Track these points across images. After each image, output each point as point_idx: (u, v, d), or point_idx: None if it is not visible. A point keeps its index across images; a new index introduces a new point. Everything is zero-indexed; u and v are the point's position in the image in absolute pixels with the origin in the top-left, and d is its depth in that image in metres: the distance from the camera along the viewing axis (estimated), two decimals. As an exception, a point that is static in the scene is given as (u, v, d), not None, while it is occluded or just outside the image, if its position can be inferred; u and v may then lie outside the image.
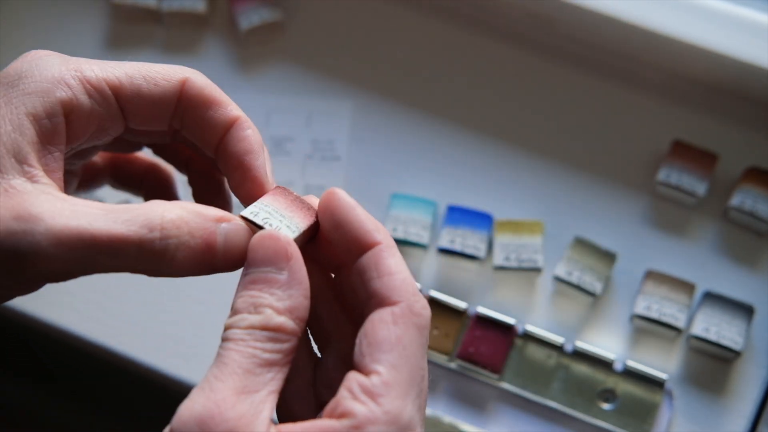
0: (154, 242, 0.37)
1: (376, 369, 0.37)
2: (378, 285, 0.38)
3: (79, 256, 0.37)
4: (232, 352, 0.36)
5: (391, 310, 0.38)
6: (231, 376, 0.36)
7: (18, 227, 0.36)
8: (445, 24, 0.73)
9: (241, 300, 0.37)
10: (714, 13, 0.66)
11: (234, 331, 0.37)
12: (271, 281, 0.38)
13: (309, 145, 0.69)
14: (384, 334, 0.37)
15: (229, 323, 0.37)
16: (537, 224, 0.63)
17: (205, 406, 0.35)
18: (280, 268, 0.38)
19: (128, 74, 0.41)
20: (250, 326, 0.37)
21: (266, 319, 0.37)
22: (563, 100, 0.70)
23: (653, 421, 0.59)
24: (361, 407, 0.36)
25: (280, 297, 0.38)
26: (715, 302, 0.61)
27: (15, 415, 0.92)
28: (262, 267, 0.38)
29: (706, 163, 0.65)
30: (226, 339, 0.37)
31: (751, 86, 0.67)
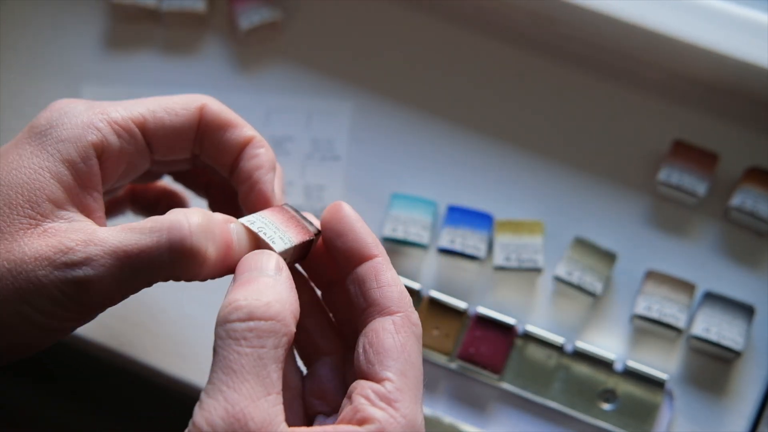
0: (185, 243, 0.39)
1: (387, 376, 0.38)
2: (378, 295, 0.40)
3: (121, 274, 0.39)
4: (235, 354, 0.37)
5: (392, 320, 0.40)
6: (243, 383, 0.36)
7: (59, 260, 0.39)
8: (445, 24, 0.73)
9: (234, 299, 0.38)
10: (715, 12, 0.66)
11: (235, 331, 0.37)
12: (264, 281, 0.39)
13: (309, 145, 0.69)
14: (390, 342, 0.39)
15: (225, 320, 0.38)
16: (537, 224, 0.63)
17: (223, 418, 0.36)
18: (270, 275, 0.39)
19: (150, 109, 0.44)
20: (250, 328, 0.37)
21: (263, 316, 0.38)
22: (563, 100, 0.70)
23: (653, 422, 0.59)
24: (381, 413, 0.37)
25: (278, 299, 0.39)
26: (716, 302, 0.61)
27: (15, 415, 0.92)
28: (254, 271, 0.39)
29: (707, 163, 0.65)
30: (228, 338, 0.37)
31: (752, 86, 0.67)
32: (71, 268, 0.39)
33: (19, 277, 0.38)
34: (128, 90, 0.71)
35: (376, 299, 0.40)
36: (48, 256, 0.39)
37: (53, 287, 0.38)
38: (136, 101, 0.44)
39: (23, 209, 0.40)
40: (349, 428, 0.37)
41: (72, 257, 0.39)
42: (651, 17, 0.67)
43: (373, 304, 0.40)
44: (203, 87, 0.71)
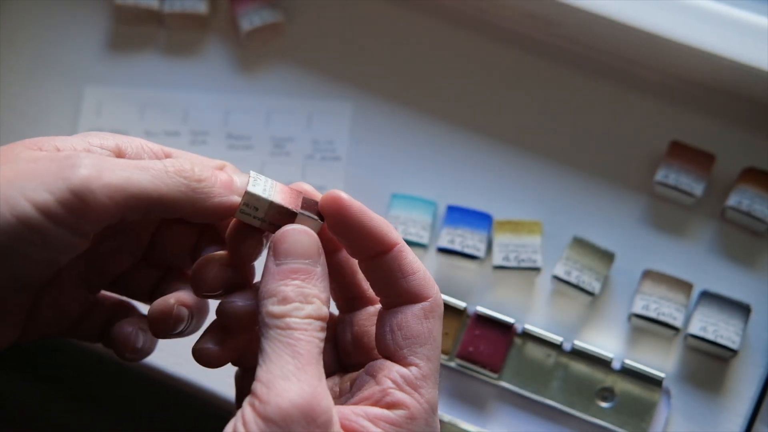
0: (197, 189, 0.40)
1: (415, 362, 0.40)
2: (405, 285, 0.41)
3: (132, 208, 0.39)
4: (303, 342, 0.38)
5: (422, 306, 0.41)
6: (311, 365, 0.38)
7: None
8: (445, 24, 0.73)
9: (288, 288, 0.39)
10: (712, 15, 0.67)
11: (295, 320, 0.38)
12: (311, 273, 0.40)
13: (309, 145, 0.69)
14: (418, 328, 0.41)
15: (283, 311, 0.38)
16: (536, 224, 0.64)
17: (302, 397, 0.36)
18: (316, 262, 0.40)
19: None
20: (308, 316, 0.38)
21: (318, 309, 0.39)
22: (562, 100, 0.70)
23: (651, 420, 0.59)
24: (410, 399, 0.39)
25: (321, 289, 0.40)
26: (713, 301, 0.61)
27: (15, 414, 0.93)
28: (300, 259, 0.40)
29: (704, 163, 0.65)
30: (289, 327, 0.38)
31: (749, 87, 0.67)
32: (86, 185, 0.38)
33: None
34: (130, 91, 0.71)
35: (405, 289, 0.41)
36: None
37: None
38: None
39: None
40: (383, 412, 0.39)
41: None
42: (648, 19, 0.67)
43: (401, 294, 0.41)
44: (205, 88, 0.72)
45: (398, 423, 0.39)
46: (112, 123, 0.70)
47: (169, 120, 0.70)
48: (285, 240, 0.40)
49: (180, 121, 0.70)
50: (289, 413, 0.36)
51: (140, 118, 0.71)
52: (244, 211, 0.42)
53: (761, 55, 0.65)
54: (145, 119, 0.71)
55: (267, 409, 0.36)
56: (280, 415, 0.36)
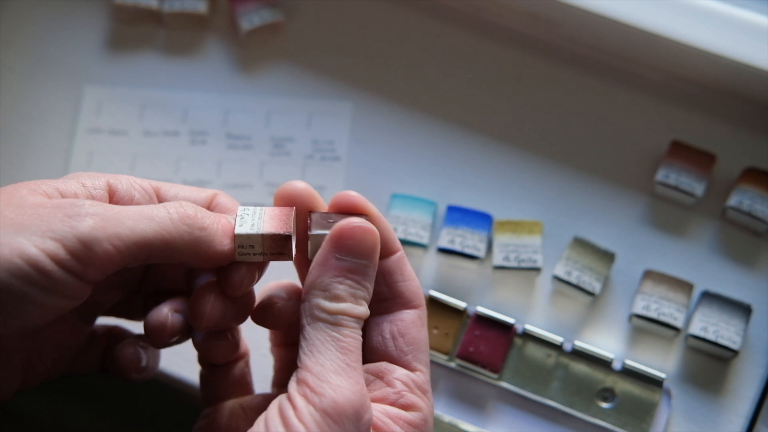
0: (200, 238, 0.40)
1: (420, 368, 0.42)
2: (404, 288, 0.43)
3: (136, 256, 0.39)
4: (351, 339, 0.39)
5: (417, 313, 0.43)
6: (358, 362, 0.39)
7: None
8: (445, 24, 0.73)
9: (342, 287, 0.40)
10: (713, 14, 0.67)
11: (346, 318, 0.39)
12: (365, 274, 0.41)
13: (309, 145, 0.69)
14: (417, 335, 0.42)
15: (337, 309, 0.39)
16: (536, 224, 0.64)
17: (354, 394, 0.38)
18: (373, 264, 0.41)
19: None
20: (357, 317, 0.40)
21: (364, 312, 0.40)
22: (562, 100, 0.70)
23: (652, 420, 0.59)
24: (422, 402, 0.41)
25: (369, 291, 0.41)
26: (714, 302, 0.61)
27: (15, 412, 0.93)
28: (362, 259, 0.41)
29: (705, 163, 0.65)
30: (339, 324, 0.39)
31: (749, 87, 0.67)
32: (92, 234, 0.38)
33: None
34: (130, 91, 0.71)
35: (403, 292, 0.43)
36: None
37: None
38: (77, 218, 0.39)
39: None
40: (401, 413, 0.40)
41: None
42: (649, 19, 0.67)
43: (400, 296, 0.43)
44: (204, 88, 0.72)
45: (415, 424, 0.40)
46: (112, 123, 0.70)
47: (168, 120, 0.70)
48: (352, 237, 0.41)
49: (179, 121, 0.70)
50: (344, 409, 0.37)
51: (140, 117, 0.71)
52: (243, 253, 0.42)
53: (762, 55, 0.65)
54: (144, 119, 0.71)
55: (323, 402, 0.37)
56: (335, 410, 0.37)
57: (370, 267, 0.41)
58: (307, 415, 0.37)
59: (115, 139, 0.69)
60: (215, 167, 0.69)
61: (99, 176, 0.42)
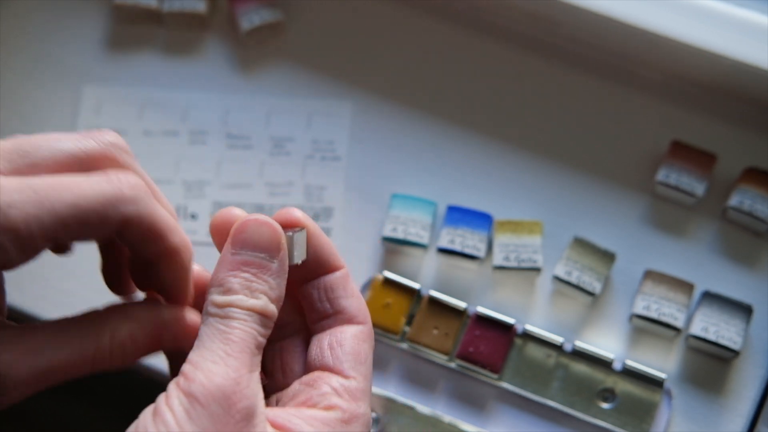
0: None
1: (355, 375, 0.40)
2: (346, 304, 0.42)
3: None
4: (238, 330, 0.38)
5: (360, 329, 0.42)
6: (242, 353, 0.37)
7: None
8: (445, 24, 0.73)
9: (236, 280, 0.38)
10: (713, 14, 0.67)
11: (235, 310, 0.38)
12: (264, 267, 0.39)
13: (309, 145, 0.69)
14: (358, 348, 0.41)
15: (226, 301, 0.38)
16: (536, 224, 0.64)
17: (226, 380, 0.36)
18: (272, 257, 0.39)
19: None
20: (251, 308, 0.38)
21: (264, 305, 0.39)
22: (563, 100, 0.70)
23: (652, 420, 0.59)
24: (347, 404, 0.39)
25: (272, 286, 0.39)
26: (714, 302, 0.61)
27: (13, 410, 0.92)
28: (256, 252, 0.39)
29: (705, 163, 0.65)
30: (227, 317, 0.38)
31: (750, 87, 0.67)
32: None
33: None
34: (129, 90, 0.71)
35: (345, 308, 0.42)
36: None
37: None
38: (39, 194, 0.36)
39: None
40: (317, 412, 0.38)
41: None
42: (649, 19, 0.67)
43: (342, 312, 0.42)
44: (204, 87, 0.72)
45: (332, 423, 0.38)
46: (111, 122, 0.70)
47: (168, 119, 0.70)
48: (244, 230, 0.39)
49: (179, 121, 0.70)
50: (212, 392, 0.36)
51: (139, 117, 0.71)
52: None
53: (762, 55, 0.65)
54: (144, 119, 0.71)
55: (191, 387, 0.36)
56: (202, 393, 0.36)
57: (271, 262, 0.39)
58: (175, 400, 0.36)
59: (114, 139, 0.69)
60: (215, 167, 0.69)
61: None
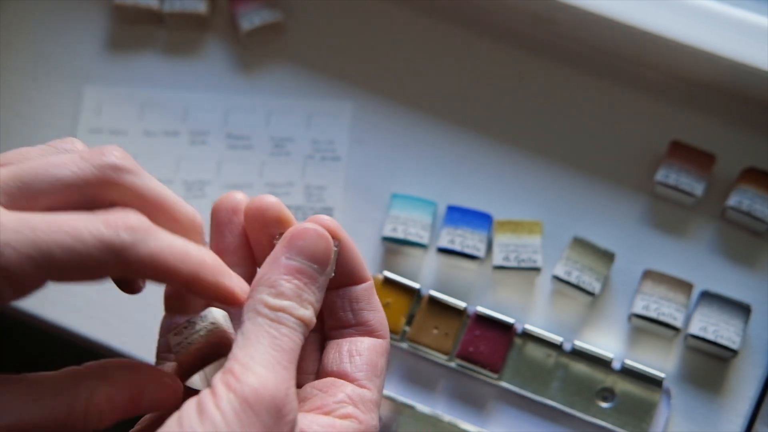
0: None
1: (370, 387, 0.41)
2: (370, 317, 0.43)
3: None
4: (288, 339, 0.38)
5: (380, 343, 0.42)
6: (290, 364, 0.38)
7: None
8: (445, 24, 0.73)
9: (289, 286, 0.39)
10: (712, 14, 0.67)
11: (287, 317, 0.38)
12: (314, 279, 0.40)
13: (309, 145, 0.69)
14: (376, 360, 0.42)
15: (279, 305, 0.38)
16: (536, 224, 0.64)
17: (279, 390, 0.36)
18: (321, 271, 0.40)
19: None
20: (300, 318, 0.39)
21: (310, 316, 0.39)
22: (562, 100, 0.70)
23: (651, 420, 0.59)
24: (363, 415, 0.40)
25: (317, 299, 0.40)
26: (713, 302, 0.61)
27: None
28: (311, 262, 0.40)
29: (704, 163, 0.65)
30: (279, 321, 0.38)
31: (749, 87, 0.67)
32: None
33: None
34: (130, 91, 0.71)
35: (368, 320, 0.43)
36: None
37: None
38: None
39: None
40: (334, 420, 0.39)
41: None
42: (649, 19, 0.67)
43: (364, 324, 0.43)
44: (204, 88, 0.72)
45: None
46: (112, 123, 0.70)
47: (168, 120, 0.70)
48: (303, 237, 0.40)
49: (179, 121, 0.70)
50: (264, 399, 0.35)
51: (140, 117, 0.71)
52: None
53: (761, 55, 0.65)
54: (144, 119, 0.71)
55: (244, 389, 0.35)
56: (254, 398, 0.35)
57: (320, 274, 0.40)
58: (225, 402, 0.35)
59: (115, 139, 0.69)
60: (215, 167, 0.69)
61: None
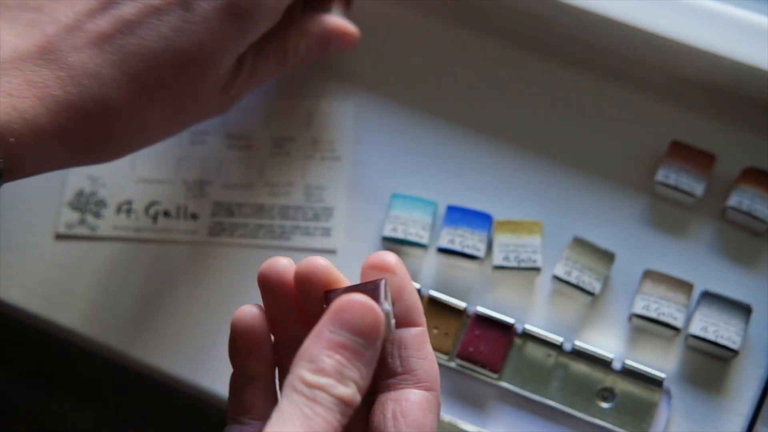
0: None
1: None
2: (417, 366, 0.40)
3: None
4: (321, 419, 0.36)
5: (426, 396, 0.40)
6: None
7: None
8: (445, 24, 0.73)
9: (330, 361, 0.37)
10: (712, 14, 0.67)
11: (324, 396, 0.36)
12: (359, 354, 0.37)
13: (309, 145, 0.69)
14: (421, 418, 0.39)
15: (317, 382, 0.36)
16: (536, 224, 0.64)
17: None
18: (369, 346, 0.38)
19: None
20: (339, 397, 0.36)
21: (353, 395, 0.37)
22: (562, 100, 0.70)
23: (651, 420, 0.59)
24: None
25: (363, 376, 0.38)
26: (713, 302, 0.61)
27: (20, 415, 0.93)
28: (355, 336, 0.37)
29: (704, 163, 0.65)
30: (314, 400, 0.36)
31: (749, 87, 0.67)
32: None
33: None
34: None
35: (415, 369, 0.40)
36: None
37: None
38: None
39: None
40: None
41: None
42: (649, 19, 0.67)
43: (412, 373, 0.40)
44: (204, 88, 0.72)
45: None
46: (112, 123, 0.70)
47: (168, 120, 0.70)
48: (348, 310, 0.38)
49: (180, 121, 0.70)
50: None
51: (140, 117, 0.71)
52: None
53: (762, 55, 0.65)
54: (144, 119, 0.71)
55: None
56: None
57: (366, 348, 0.37)
58: None
59: (115, 139, 0.69)
60: (215, 167, 0.69)
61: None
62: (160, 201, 0.67)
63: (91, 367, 0.76)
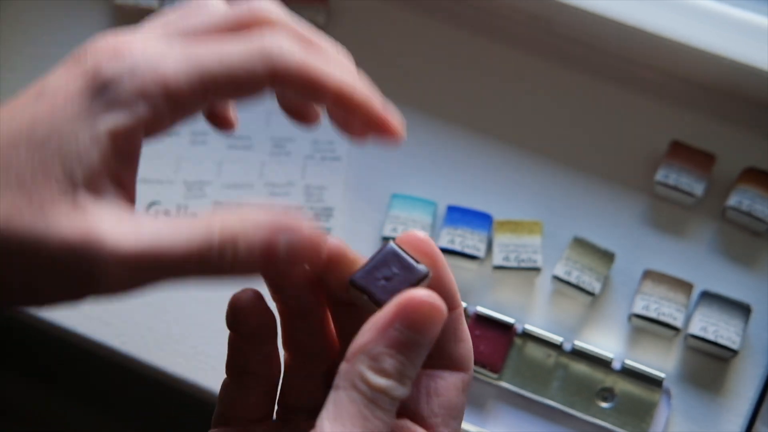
0: (212, 250, 0.37)
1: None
2: (454, 349, 0.39)
3: (144, 275, 0.36)
4: (380, 422, 0.36)
5: (461, 378, 0.39)
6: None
7: (83, 247, 0.35)
8: (446, 24, 0.73)
9: (392, 362, 0.36)
10: (712, 15, 0.67)
11: (385, 400, 0.36)
12: (420, 354, 0.37)
13: (309, 145, 0.69)
14: (455, 401, 0.39)
15: (379, 386, 0.36)
16: (536, 224, 0.64)
17: None
18: (431, 344, 0.37)
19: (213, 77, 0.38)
20: (396, 399, 0.36)
21: (405, 394, 0.36)
22: (562, 101, 0.70)
23: (651, 420, 0.59)
24: None
25: (416, 372, 0.37)
26: (713, 302, 0.61)
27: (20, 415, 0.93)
28: (419, 337, 0.37)
29: (704, 163, 0.65)
30: (375, 403, 0.36)
31: (749, 87, 0.67)
32: (90, 258, 0.35)
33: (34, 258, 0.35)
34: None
35: (452, 353, 0.40)
36: (69, 238, 0.35)
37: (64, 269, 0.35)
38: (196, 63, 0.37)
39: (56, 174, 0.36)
40: None
41: (98, 248, 0.35)
42: (649, 19, 0.67)
43: (447, 357, 0.40)
44: (204, 88, 0.72)
45: None
46: (112, 123, 0.70)
47: (169, 120, 0.70)
48: (419, 311, 0.36)
49: (180, 121, 0.70)
50: None
51: (140, 118, 0.71)
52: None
53: (761, 55, 0.65)
54: (144, 119, 0.71)
55: None
56: None
57: (426, 347, 0.37)
58: None
59: (115, 139, 0.69)
60: (215, 167, 0.69)
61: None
62: (160, 201, 0.67)
63: (91, 367, 0.76)
